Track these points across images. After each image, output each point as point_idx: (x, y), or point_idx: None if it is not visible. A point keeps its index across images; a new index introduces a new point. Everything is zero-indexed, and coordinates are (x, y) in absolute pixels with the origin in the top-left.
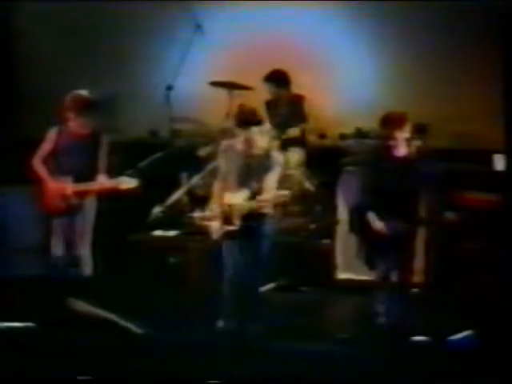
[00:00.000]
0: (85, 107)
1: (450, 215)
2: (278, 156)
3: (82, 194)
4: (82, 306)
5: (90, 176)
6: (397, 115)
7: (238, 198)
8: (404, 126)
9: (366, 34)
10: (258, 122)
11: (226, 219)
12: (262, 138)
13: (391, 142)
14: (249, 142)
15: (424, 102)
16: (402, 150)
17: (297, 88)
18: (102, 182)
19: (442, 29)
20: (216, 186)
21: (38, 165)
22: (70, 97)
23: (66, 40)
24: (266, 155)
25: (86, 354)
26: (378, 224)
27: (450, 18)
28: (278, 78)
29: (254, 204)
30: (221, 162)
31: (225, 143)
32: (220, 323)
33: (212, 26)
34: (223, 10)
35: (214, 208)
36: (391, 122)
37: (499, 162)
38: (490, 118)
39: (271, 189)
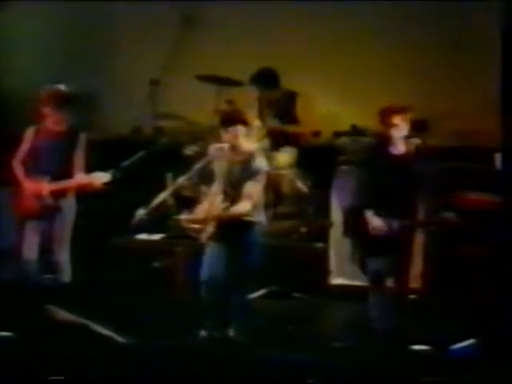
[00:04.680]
0: (62, 102)
1: (448, 216)
2: (261, 162)
3: (58, 194)
4: (60, 314)
5: (67, 175)
6: (394, 105)
7: (215, 204)
8: (402, 113)
9: (363, 30)
10: (243, 122)
11: (209, 224)
12: (247, 141)
13: (392, 132)
14: (233, 147)
15: (422, 98)
16: (399, 148)
17: (290, 85)
18: (76, 179)
19: (442, 25)
20: (209, 189)
21: (16, 165)
22: (46, 91)
23: (47, 34)
24: (249, 161)
25: (65, 364)
26: (376, 221)
27: (449, 14)
28: (265, 79)
29: (227, 212)
30: (212, 165)
31: (214, 146)
32: (206, 329)
33: (201, 19)
34: (213, 3)
35: (200, 211)
36: (389, 110)
37: (502, 161)
38: (491, 115)
39: (250, 197)
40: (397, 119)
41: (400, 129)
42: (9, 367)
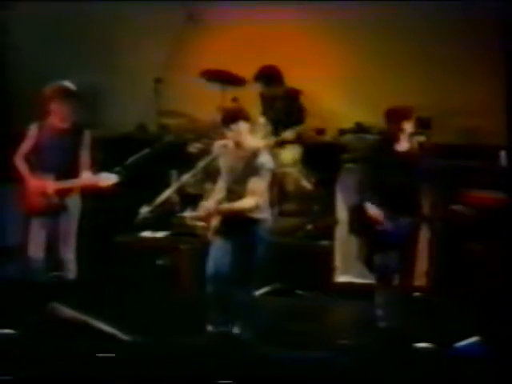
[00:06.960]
0: (66, 98)
1: (455, 208)
2: (265, 158)
3: (63, 193)
4: (65, 311)
5: (72, 173)
6: (403, 108)
7: (220, 201)
8: (411, 118)
9: (367, 27)
10: (245, 118)
11: (213, 221)
12: (251, 137)
13: (398, 136)
14: (237, 144)
15: (427, 95)
16: (403, 146)
17: (295, 82)
18: (82, 179)
19: (445, 21)
20: (214, 186)
21: (19, 162)
22: (50, 87)
23: (51, 32)
24: (253, 157)
25: (69, 362)
26: (373, 210)
27: (452, 11)
28: (268, 76)
29: (231, 208)
30: (216, 162)
31: (219, 143)
32: (211, 328)
33: (205, 17)
34: (217, 2)
35: (204, 208)
36: (398, 114)
37: (507, 159)
38: (496, 113)
39: (254, 193)
40: (406, 124)
41: (408, 130)
42: (12, 365)
